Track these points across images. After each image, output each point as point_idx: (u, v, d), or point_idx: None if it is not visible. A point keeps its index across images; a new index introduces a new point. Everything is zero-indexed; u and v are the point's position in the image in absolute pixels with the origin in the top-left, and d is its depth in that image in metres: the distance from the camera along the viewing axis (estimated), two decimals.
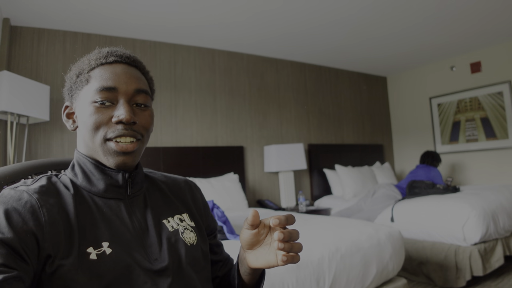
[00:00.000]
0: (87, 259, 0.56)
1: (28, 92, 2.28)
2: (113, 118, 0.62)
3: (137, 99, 0.65)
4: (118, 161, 0.63)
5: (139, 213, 0.67)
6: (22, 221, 0.53)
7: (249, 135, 3.67)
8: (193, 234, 0.71)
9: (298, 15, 2.91)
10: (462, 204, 2.56)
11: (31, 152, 2.61)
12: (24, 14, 2.53)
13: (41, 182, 0.61)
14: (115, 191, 0.65)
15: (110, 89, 0.62)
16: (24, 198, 0.56)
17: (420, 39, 3.61)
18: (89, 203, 0.63)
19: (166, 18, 2.82)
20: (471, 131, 4.16)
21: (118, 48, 0.69)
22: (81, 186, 0.64)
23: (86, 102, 0.63)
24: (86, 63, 0.67)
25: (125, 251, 0.60)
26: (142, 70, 0.70)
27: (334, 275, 1.65)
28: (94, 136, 0.62)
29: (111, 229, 0.61)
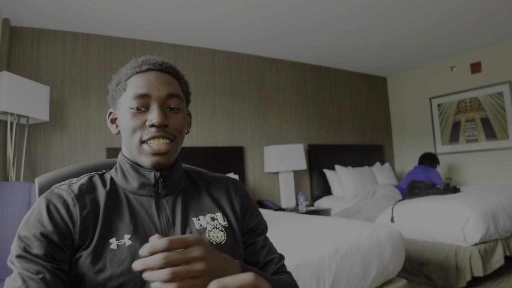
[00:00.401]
0: (107, 248, 0.62)
1: (28, 93, 2.28)
2: (147, 122, 0.68)
3: (169, 103, 0.70)
4: (153, 161, 0.68)
5: (169, 210, 0.71)
6: (60, 216, 0.62)
7: (249, 136, 3.67)
8: (222, 234, 0.72)
9: (298, 15, 2.91)
10: (462, 205, 2.55)
11: (31, 153, 2.61)
12: (24, 15, 2.53)
13: (82, 181, 0.69)
14: (147, 189, 0.71)
15: (143, 95, 0.68)
16: (63, 197, 0.64)
17: (420, 39, 3.61)
18: (122, 199, 0.69)
19: (166, 19, 2.82)
20: (471, 131, 4.16)
21: (153, 56, 0.75)
22: (119, 183, 0.72)
23: (124, 108, 0.70)
24: (124, 73, 0.74)
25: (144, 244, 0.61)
26: (175, 75, 0.75)
27: (334, 275, 1.65)
28: (131, 139, 0.69)
29: (137, 224, 0.66)
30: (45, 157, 2.66)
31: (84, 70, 2.89)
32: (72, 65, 2.85)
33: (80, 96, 2.85)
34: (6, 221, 1.91)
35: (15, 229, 1.90)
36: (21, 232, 0.59)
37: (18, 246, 0.58)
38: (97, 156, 2.85)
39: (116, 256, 0.61)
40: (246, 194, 0.83)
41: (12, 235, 1.89)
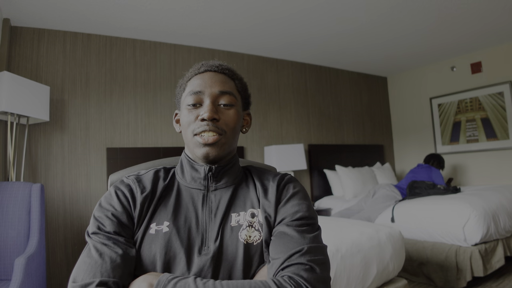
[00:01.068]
0: (148, 232, 0.69)
1: (28, 93, 2.28)
2: (199, 116, 0.73)
3: (222, 100, 0.75)
4: (203, 152, 0.73)
5: (214, 203, 0.74)
6: (126, 200, 0.72)
7: (249, 136, 3.67)
8: (257, 233, 0.71)
9: (298, 15, 2.91)
10: (463, 205, 2.55)
11: (31, 152, 2.61)
12: (24, 15, 2.53)
13: (148, 173, 0.79)
14: (198, 182, 0.76)
15: (197, 92, 0.75)
16: (129, 185, 0.75)
17: (420, 39, 3.61)
18: (174, 190, 0.76)
19: (166, 19, 2.82)
20: (471, 131, 4.16)
21: (213, 61, 0.82)
22: (177, 177, 0.79)
23: (183, 106, 0.77)
24: (186, 76, 0.81)
25: (180, 234, 0.69)
26: (230, 76, 0.80)
27: (334, 275, 1.65)
28: (187, 133, 0.75)
29: (179, 213, 0.72)
30: (45, 157, 2.66)
31: (84, 70, 2.89)
32: (72, 65, 2.85)
33: (80, 96, 2.85)
34: (6, 220, 1.91)
35: (15, 228, 1.90)
36: (96, 213, 0.70)
37: (93, 224, 0.68)
38: (97, 156, 2.85)
39: (151, 240, 0.68)
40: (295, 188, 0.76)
41: (12, 235, 1.89)
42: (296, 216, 0.70)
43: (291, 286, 0.58)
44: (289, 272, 0.61)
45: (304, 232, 0.67)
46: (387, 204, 3.09)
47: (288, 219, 0.70)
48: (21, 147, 2.51)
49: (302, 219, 0.70)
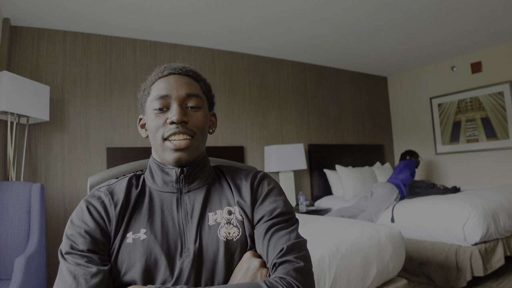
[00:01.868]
0: (125, 242, 0.67)
1: (28, 92, 2.28)
2: (167, 120, 0.72)
3: (189, 102, 0.75)
4: (175, 157, 0.72)
5: (189, 205, 0.74)
6: (99, 216, 0.69)
7: (249, 135, 3.67)
8: (236, 229, 0.72)
9: (298, 15, 2.91)
10: (463, 204, 2.55)
11: (31, 152, 2.61)
12: (24, 14, 2.52)
13: (121, 182, 0.76)
14: (170, 185, 0.75)
15: (164, 96, 0.74)
16: (101, 198, 0.72)
17: (420, 39, 3.61)
18: (147, 197, 0.75)
19: (166, 18, 2.82)
20: (471, 131, 4.15)
21: (176, 63, 0.81)
22: (148, 183, 0.78)
23: (149, 111, 0.76)
24: (149, 80, 0.80)
25: (158, 240, 0.68)
26: (195, 77, 0.80)
27: (334, 275, 1.65)
28: (155, 137, 0.74)
29: (154, 219, 0.71)
30: (45, 157, 2.66)
31: (84, 70, 2.89)
32: (72, 64, 2.85)
33: (80, 96, 2.85)
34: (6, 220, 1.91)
35: (15, 228, 1.90)
36: (68, 231, 0.67)
37: (65, 243, 0.66)
38: (97, 155, 2.85)
39: (130, 249, 0.66)
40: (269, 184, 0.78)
41: (12, 234, 1.89)
42: (275, 213, 0.73)
43: (282, 286, 0.61)
44: (279, 272, 0.64)
45: (284, 229, 0.71)
46: (387, 203, 3.09)
47: (266, 217, 0.72)
48: (21, 147, 2.51)
49: (280, 215, 0.73)
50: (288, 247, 0.67)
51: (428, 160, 4.58)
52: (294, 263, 0.65)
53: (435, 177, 4.49)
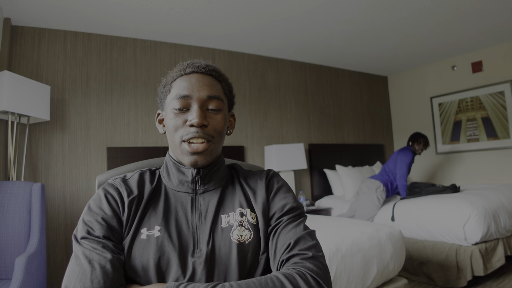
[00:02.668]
0: (139, 238, 0.68)
1: (29, 92, 2.28)
2: (187, 121, 0.72)
3: (210, 104, 0.74)
4: (191, 160, 0.72)
5: (203, 206, 0.74)
6: (116, 204, 0.71)
7: (249, 135, 3.67)
8: (248, 232, 0.71)
9: (298, 15, 2.91)
10: (463, 204, 2.55)
11: (31, 152, 2.61)
12: (24, 14, 2.53)
13: (134, 176, 0.77)
14: (185, 185, 0.76)
15: (185, 96, 0.73)
16: (117, 188, 0.73)
17: (421, 39, 3.61)
18: (162, 194, 0.75)
19: (166, 18, 2.82)
20: (472, 130, 4.15)
21: (198, 60, 0.80)
22: (163, 180, 0.78)
23: (169, 109, 0.75)
24: (170, 76, 0.78)
25: (172, 238, 0.68)
26: (217, 77, 0.79)
27: (334, 275, 1.65)
28: (174, 138, 0.73)
29: (169, 217, 0.71)
30: (46, 157, 2.66)
31: (85, 70, 2.89)
32: (73, 64, 2.85)
33: (80, 96, 2.85)
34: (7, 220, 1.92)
35: (16, 228, 1.91)
36: (85, 217, 0.68)
37: (82, 229, 0.66)
38: (98, 155, 2.85)
39: (144, 245, 0.67)
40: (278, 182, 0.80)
41: (13, 234, 1.90)
42: (285, 209, 0.74)
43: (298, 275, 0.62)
44: (293, 263, 0.65)
45: (294, 222, 0.73)
46: (371, 197, 3.08)
47: (278, 213, 0.74)
48: (21, 147, 2.52)
49: (291, 210, 0.74)
50: (295, 242, 0.68)
51: (429, 160, 4.58)
52: (301, 255, 0.66)
53: (435, 176, 4.49)
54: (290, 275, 0.61)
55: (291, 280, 0.60)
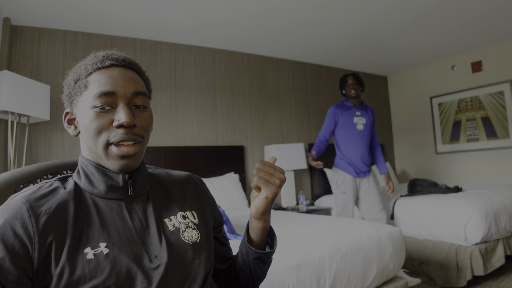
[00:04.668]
0: (84, 259, 0.57)
1: (29, 92, 2.28)
2: (114, 122, 0.63)
3: (136, 101, 0.67)
4: (121, 165, 0.65)
5: (140, 212, 0.68)
6: (14, 235, 0.54)
7: (249, 135, 3.67)
8: (195, 232, 0.71)
9: (298, 15, 2.91)
10: (465, 204, 2.55)
11: (31, 152, 2.61)
12: (24, 14, 2.52)
13: (42, 189, 0.62)
14: (116, 191, 0.66)
15: (109, 93, 0.63)
16: (17, 209, 0.57)
17: (421, 38, 3.61)
18: (89, 205, 0.64)
19: (166, 18, 2.82)
20: (472, 130, 4.15)
21: (114, 51, 0.70)
22: (84, 188, 0.66)
23: (86, 107, 0.64)
24: (83, 69, 0.67)
25: (123, 250, 0.61)
26: (138, 71, 0.71)
27: (334, 275, 1.65)
28: (96, 141, 0.64)
29: (110, 230, 0.62)
30: (46, 156, 2.66)
31: None
32: (73, 64, 2.84)
33: None
34: None
35: None
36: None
37: None
38: None
39: (95, 266, 0.57)
40: (208, 189, 0.85)
41: None
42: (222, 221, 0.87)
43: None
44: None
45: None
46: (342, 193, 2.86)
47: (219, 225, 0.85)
48: (21, 146, 2.52)
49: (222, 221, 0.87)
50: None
51: (429, 160, 4.58)
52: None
53: (435, 176, 4.49)
54: None
55: None
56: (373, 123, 2.98)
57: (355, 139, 2.87)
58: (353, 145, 2.87)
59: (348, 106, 2.92)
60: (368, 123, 2.90)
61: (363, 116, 2.90)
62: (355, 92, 2.88)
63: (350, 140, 2.88)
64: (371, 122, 2.95)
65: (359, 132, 2.87)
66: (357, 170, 2.85)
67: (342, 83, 2.99)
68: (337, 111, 2.92)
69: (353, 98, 2.92)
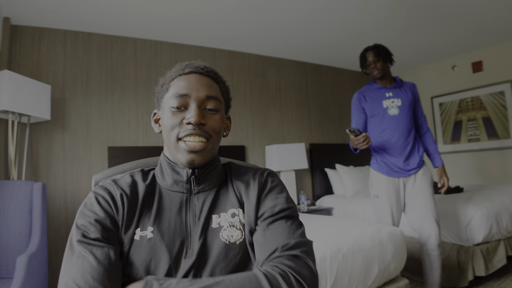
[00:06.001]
0: (132, 238, 0.68)
1: (29, 91, 2.27)
2: (184, 120, 0.72)
3: (208, 104, 0.74)
4: (188, 159, 0.71)
5: (198, 207, 0.74)
6: (108, 205, 0.69)
7: (250, 135, 3.67)
8: (239, 232, 0.72)
9: (299, 14, 2.91)
10: (466, 204, 2.54)
11: (32, 151, 2.61)
12: (24, 13, 2.52)
13: (125, 178, 0.76)
14: (180, 185, 0.75)
15: (183, 95, 0.73)
16: (108, 189, 0.72)
17: (421, 38, 3.60)
18: (156, 194, 0.74)
19: (167, 17, 2.82)
20: (472, 130, 4.15)
21: (196, 61, 0.80)
22: (158, 180, 0.77)
23: (166, 107, 0.74)
24: (169, 75, 0.78)
25: (164, 239, 0.68)
26: (215, 79, 0.79)
27: (336, 275, 1.65)
28: (169, 136, 0.73)
29: (162, 218, 0.71)
30: (47, 156, 2.66)
31: (85, 69, 2.89)
32: (73, 64, 2.84)
33: (81, 95, 2.84)
34: (8, 219, 1.91)
35: (17, 227, 1.90)
36: (78, 222, 0.67)
37: (77, 233, 0.65)
38: (99, 155, 2.85)
39: (137, 247, 0.67)
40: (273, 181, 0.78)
41: (14, 233, 1.89)
42: (276, 210, 0.72)
43: (277, 273, 0.59)
44: (277, 262, 0.62)
45: (282, 220, 0.71)
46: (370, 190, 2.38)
47: (267, 213, 0.72)
48: (22, 146, 2.51)
49: (281, 211, 0.72)
50: (282, 239, 0.66)
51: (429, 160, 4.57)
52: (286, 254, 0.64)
53: (436, 177, 4.49)
54: (271, 274, 0.58)
55: (270, 280, 0.57)
56: (415, 103, 2.30)
57: (390, 128, 2.21)
58: (387, 135, 2.22)
59: (375, 88, 2.28)
60: (405, 104, 2.21)
61: (397, 96, 2.22)
62: (378, 72, 2.20)
63: (383, 130, 2.24)
64: (410, 101, 2.23)
65: (392, 118, 2.21)
66: (395, 168, 2.23)
67: (362, 62, 2.31)
68: (361, 97, 2.30)
69: (378, 79, 2.27)
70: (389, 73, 2.26)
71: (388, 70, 2.25)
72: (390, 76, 2.28)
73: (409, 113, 2.22)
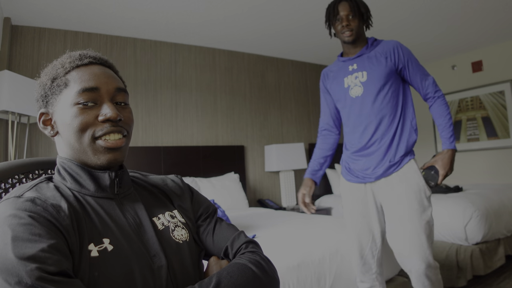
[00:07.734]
0: (88, 256, 0.55)
1: (29, 92, 2.28)
2: (99, 117, 0.63)
3: (118, 98, 0.67)
4: (109, 158, 0.64)
5: (131, 210, 0.67)
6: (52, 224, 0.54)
7: (249, 135, 3.67)
8: (184, 231, 0.71)
9: (299, 14, 2.91)
10: (466, 204, 2.55)
11: (32, 151, 2.61)
12: (24, 14, 2.52)
13: (42, 189, 0.60)
14: (105, 191, 0.65)
15: (92, 89, 0.63)
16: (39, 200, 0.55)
17: (421, 38, 3.60)
18: (83, 203, 0.62)
19: (167, 17, 2.82)
20: (472, 130, 4.15)
21: (88, 51, 0.71)
22: (71, 188, 0.64)
23: (67, 105, 0.63)
24: (60, 67, 0.66)
25: (126, 247, 0.60)
26: (114, 70, 0.73)
27: (335, 275, 1.65)
28: (81, 137, 0.62)
29: (109, 226, 0.61)
30: (47, 156, 2.66)
31: None
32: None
33: None
34: None
35: None
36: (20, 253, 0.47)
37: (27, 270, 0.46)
38: None
39: (99, 264, 0.55)
40: (187, 185, 0.83)
41: None
42: (210, 210, 0.79)
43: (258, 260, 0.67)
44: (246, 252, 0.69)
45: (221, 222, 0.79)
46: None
47: (205, 214, 0.78)
48: (22, 146, 2.52)
49: (214, 211, 0.80)
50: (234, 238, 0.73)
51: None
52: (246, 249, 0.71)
53: None
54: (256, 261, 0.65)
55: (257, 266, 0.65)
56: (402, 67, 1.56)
57: (352, 117, 1.57)
58: (348, 128, 1.61)
59: (340, 61, 1.66)
60: (373, 77, 1.50)
61: (362, 68, 1.53)
62: (351, 35, 1.52)
63: (345, 119, 1.63)
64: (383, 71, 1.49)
65: (354, 102, 1.55)
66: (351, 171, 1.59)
67: (330, 17, 1.64)
68: (325, 76, 1.73)
69: (348, 43, 1.57)
70: (362, 37, 1.57)
71: (362, 34, 1.57)
72: (362, 41, 1.57)
73: (380, 90, 1.49)
